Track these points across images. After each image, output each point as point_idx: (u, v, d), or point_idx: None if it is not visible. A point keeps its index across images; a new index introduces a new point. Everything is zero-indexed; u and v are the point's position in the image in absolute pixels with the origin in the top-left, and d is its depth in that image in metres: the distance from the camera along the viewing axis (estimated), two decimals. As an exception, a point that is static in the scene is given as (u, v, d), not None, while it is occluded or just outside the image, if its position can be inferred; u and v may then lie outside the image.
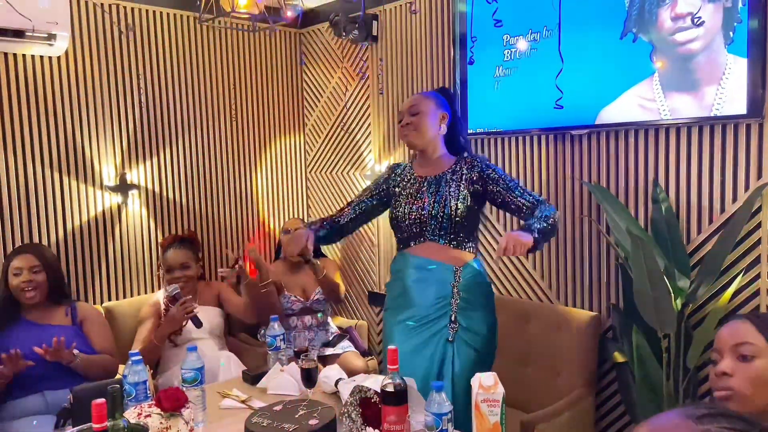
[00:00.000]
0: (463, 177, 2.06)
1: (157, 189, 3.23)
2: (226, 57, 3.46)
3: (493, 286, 2.92)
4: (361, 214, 2.24)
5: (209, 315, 2.89)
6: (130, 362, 1.78)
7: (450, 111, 2.15)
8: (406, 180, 2.16)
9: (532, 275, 2.85)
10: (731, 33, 2.13)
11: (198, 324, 2.66)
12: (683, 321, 2.22)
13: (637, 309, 2.17)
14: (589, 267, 2.64)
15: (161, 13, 3.18)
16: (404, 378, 1.54)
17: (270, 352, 2.28)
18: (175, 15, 3.22)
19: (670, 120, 2.30)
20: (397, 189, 2.17)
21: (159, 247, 3.07)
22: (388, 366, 1.54)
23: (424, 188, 2.09)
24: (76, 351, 2.38)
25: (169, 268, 2.87)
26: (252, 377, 2.22)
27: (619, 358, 2.44)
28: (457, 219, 2.01)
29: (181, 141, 3.30)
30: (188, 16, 3.26)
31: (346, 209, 2.24)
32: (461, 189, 2.04)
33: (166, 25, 3.21)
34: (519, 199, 2.02)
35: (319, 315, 3.25)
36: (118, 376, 2.60)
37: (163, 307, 2.82)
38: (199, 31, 3.33)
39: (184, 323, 2.72)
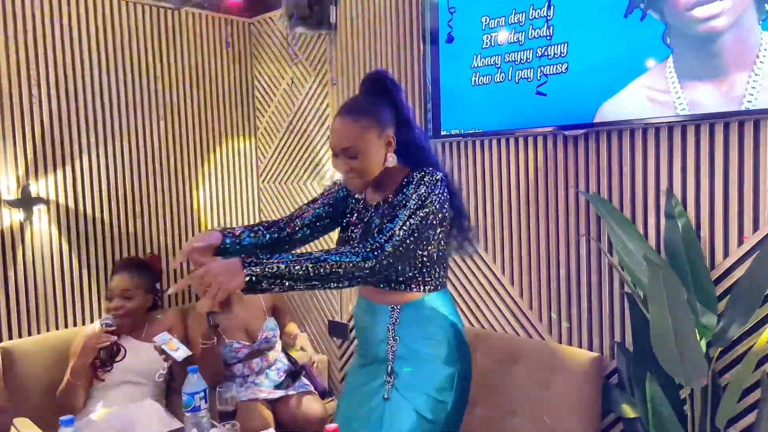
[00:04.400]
0: (390, 204, 1.61)
1: (71, 204, 2.70)
2: (159, 48, 2.95)
3: (465, 318, 2.48)
4: (320, 227, 1.75)
5: (150, 356, 2.38)
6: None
7: (394, 119, 1.61)
8: (358, 205, 1.73)
9: (518, 305, 2.37)
10: (766, 6, 1.69)
11: (104, 364, 2.24)
12: (710, 366, 1.76)
13: (651, 351, 1.71)
14: (588, 296, 2.18)
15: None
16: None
17: (187, 414, 1.78)
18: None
19: (688, 116, 1.86)
20: (350, 205, 1.75)
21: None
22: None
23: (361, 219, 1.68)
24: None
25: (109, 295, 2.45)
26: (164, 447, 1.72)
27: (629, 412, 1.98)
28: None
29: (102, 147, 2.78)
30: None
31: (302, 211, 1.75)
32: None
33: (81, 2, 2.70)
34: (385, 222, 1.48)
35: (270, 354, 2.74)
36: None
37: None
38: (123, 12, 2.82)
39: (96, 358, 2.28)
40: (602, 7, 2.00)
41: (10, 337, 2.54)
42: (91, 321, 2.71)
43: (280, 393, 2.64)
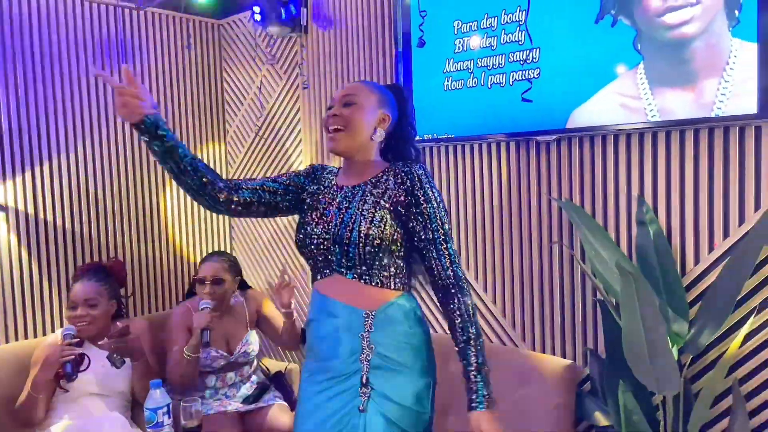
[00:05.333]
0: (387, 192, 1.53)
1: (30, 211, 2.59)
2: (121, 50, 2.87)
3: (438, 325, 2.45)
4: (264, 197, 1.61)
5: (109, 366, 2.30)
6: None
7: (397, 113, 1.63)
8: (323, 188, 1.63)
9: (492, 312, 2.35)
10: (736, 12, 1.69)
11: (69, 377, 2.13)
12: (681, 373, 1.75)
13: (624, 358, 1.70)
14: (561, 303, 2.16)
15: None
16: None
17: (149, 431, 1.71)
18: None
19: (659, 122, 1.85)
20: (308, 198, 1.63)
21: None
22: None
23: (336, 201, 1.57)
24: None
25: (72, 304, 2.33)
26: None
27: (602, 420, 1.96)
28: (368, 248, 1.48)
29: (63, 153, 2.68)
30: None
31: (251, 179, 1.64)
32: (378, 208, 1.50)
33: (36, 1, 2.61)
34: (435, 261, 1.51)
35: (245, 368, 2.66)
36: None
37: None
38: (79, 12, 2.73)
39: (59, 369, 2.17)
40: (574, 13, 1.99)
41: (-35, 350, 2.42)
42: (53, 330, 2.61)
43: (249, 406, 2.58)
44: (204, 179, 1.52)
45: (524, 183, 2.21)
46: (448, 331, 1.53)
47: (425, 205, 1.50)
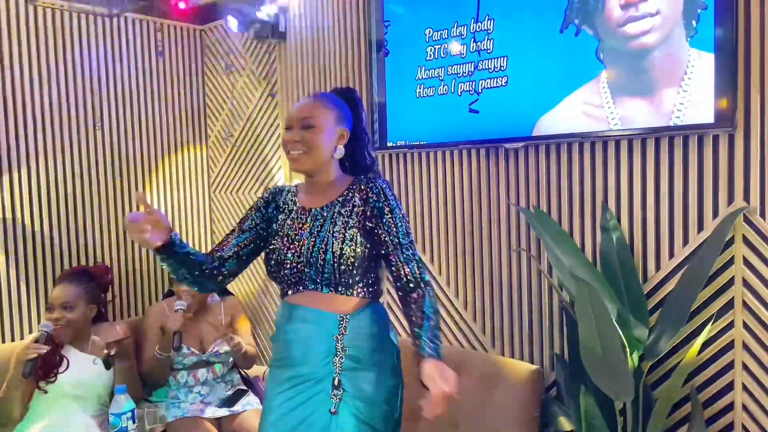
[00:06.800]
0: (354, 210, 1.57)
1: (8, 215, 2.62)
2: (105, 54, 2.89)
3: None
4: (244, 255, 1.67)
5: (92, 368, 2.33)
6: None
7: (352, 123, 1.65)
8: (287, 211, 1.66)
9: (463, 317, 2.37)
10: (694, 22, 1.72)
11: (26, 374, 2.14)
12: (641, 379, 1.77)
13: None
14: (529, 309, 2.18)
15: None
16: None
17: (113, 435, 1.73)
18: None
19: (620, 131, 1.87)
20: (274, 224, 1.66)
21: None
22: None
23: (306, 225, 1.59)
24: None
25: (50, 306, 2.35)
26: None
27: (565, 425, 1.98)
28: (342, 267, 1.51)
29: (42, 158, 2.71)
30: (52, 2, 2.66)
31: (222, 245, 1.68)
32: (347, 228, 1.54)
33: (17, 10, 2.63)
34: (403, 266, 1.55)
35: (217, 367, 2.68)
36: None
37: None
38: (58, 20, 2.75)
39: (39, 369, 2.21)
40: (539, 22, 2.01)
41: (-59, 354, 2.44)
42: (30, 333, 2.63)
43: (224, 412, 2.59)
44: (203, 267, 1.61)
45: (493, 189, 2.23)
46: (408, 328, 1.55)
47: (389, 216, 1.55)
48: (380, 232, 1.55)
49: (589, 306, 1.59)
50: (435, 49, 2.29)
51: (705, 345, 1.76)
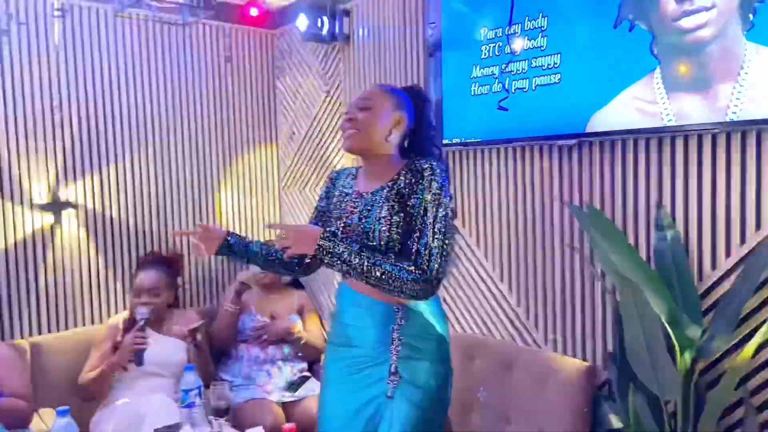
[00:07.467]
0: (399, 192, 1.60)
1: (98, 208, 2.88)
2: (184, 60, 3.11)
3: (466, 324, 2.52)
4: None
5: (171, 349, 2.55)
6: (56, 417, 1.70)
7: (413, 115, 1.70)
8: (344, 194, 1.73)
9: (515, 311, 2.39)
10: (751, 16, 1.67)
11: (138, 362, 2.34)
12: (694, 380, 1.74)
13: (635, 363, 1.71)
14: (582, 306, 2.18)
15: (97, 9, 2.85)
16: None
17: (182, 410, 1.90)
18: (105, 10, 2.87)
19: (674, 127, 1.84)
20: (332, 207, 1.75)
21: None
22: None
23: (357, 209, 1.66)
24: None
25: (137, 291, 2.57)
26: (160, 438, 1.85)
27: (615, 422, 1.97)
28: (389, 253, 1.57)
29: (129, 155, 2.96)
30: (134, 13, 2.90)
31: None
32: (393, 213, 1.58)
33: (105, 22, 2.88)
34: (417, 244, 1.54)
35: (286, 350, 2.85)
36: (39, 425, 2.27)
37: (121, 331, 2.50)
38: (149, 30, 2.99)
39: (137, 358, 2.38)
40: (593, 18, 2.01)
41: (39, 333, 2.73)
42: (116, 314, 2.86)
43: (291, 397, 2.74)
44: (272, 265, 1.79)
45: (546, 186, 2.24)
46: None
47: (423, 196, 1.56)
48: (411, 208, 1.57)
49: (633, 304, 1.58)
50: (489, 47, 2.32)
51: (760, 347, 1.71)
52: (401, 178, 1.62)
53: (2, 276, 2.64)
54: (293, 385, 2.79)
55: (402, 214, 1.57)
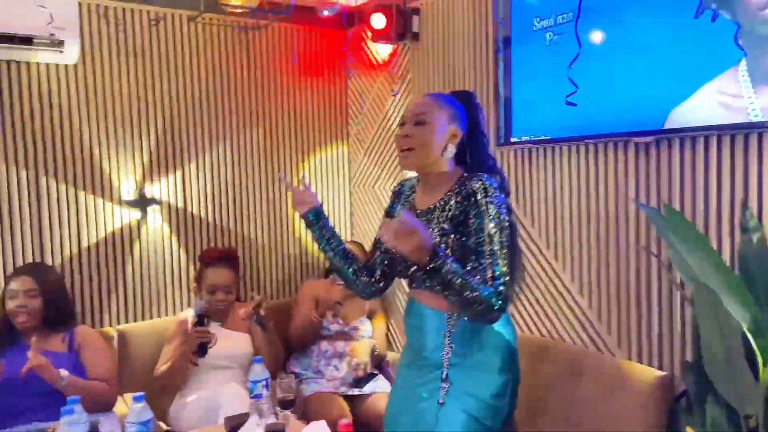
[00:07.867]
0: (449, 213, 1.59)
1: (180, 204, 3.03)
2: (259, 62, 3.22)
3: (534, 326, 2.46)
4: (386, 259, 1.78)
5: (237, 342, 2.65)
6: (132, 402, 1.73)
7: (465, 125, 1.66)
8: (407, 207, 1.75)
9: (587, 315, 2.31)
10: None
11: (200, 354, 2.42)
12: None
13: (714, 373, 1.62)
14: (659, 311, 2.08)
15: (180, 15, 2.99)
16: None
17: (251, 401, 1.97)
18: (186, 16, 3.00)
19: (761, 122, 1.72)
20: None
21: (198, 261, 2.84)
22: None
23: None
24: (65, 373, 2.21)
25: (212, 289, 2.64)
26: (231, 427, 1.93)
27: (690, 435, 1.87)
28: None
29: (208, 153, 3.10)
30: (210, 17, 3.02)
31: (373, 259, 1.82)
32: (443, 235, 1.58)
33: (190, 29, 3.02)
34: (490, 272, 1.51)
35: (355, 344, 2.91)
36: (123, 409, 2.42)
37: (190, 325, 2.56)
38: (228, 34, 3.11)
39: (201, 351, 2.47)
40: (672, 8, 1.90)
41: (126, 321, 2.91)
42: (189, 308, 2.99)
43: (355, 391, 2.79)
44: (354, 267, 1.77)
45: (622, 186, 2.15)
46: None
47: (473, 220, 1.55)
48: (468, 231, 1.55)
49: (710, 311, 1.49)
50: (557, 40, 2.25)
51: None
52: (452, 201, 1.60)
53: (93, 268, 2.83)
54: (361, 381, 2.83)
55: (454, 235, 1.57)
